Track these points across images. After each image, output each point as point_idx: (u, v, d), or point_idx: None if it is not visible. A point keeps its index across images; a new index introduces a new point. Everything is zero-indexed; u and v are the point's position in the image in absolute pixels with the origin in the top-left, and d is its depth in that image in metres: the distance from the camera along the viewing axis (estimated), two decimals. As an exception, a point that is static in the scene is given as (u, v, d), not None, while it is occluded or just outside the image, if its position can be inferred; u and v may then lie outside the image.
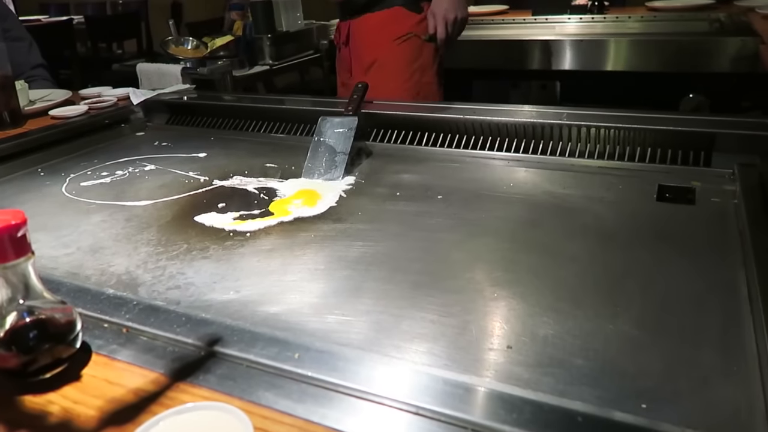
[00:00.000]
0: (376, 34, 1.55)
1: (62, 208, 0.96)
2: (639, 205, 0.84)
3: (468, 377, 0.47)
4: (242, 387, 0.47)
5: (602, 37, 2.11)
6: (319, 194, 0.93)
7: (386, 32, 1.53)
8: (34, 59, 1.87)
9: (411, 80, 1.53)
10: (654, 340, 0.56)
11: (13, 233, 0.45)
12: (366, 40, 1.58)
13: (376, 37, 1.55)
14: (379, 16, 1.54)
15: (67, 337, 0.51)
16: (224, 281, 0.70)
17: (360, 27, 1.58)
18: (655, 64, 1.99)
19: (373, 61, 1.56)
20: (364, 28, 1.57)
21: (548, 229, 0.80)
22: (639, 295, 0.63)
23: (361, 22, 1.58)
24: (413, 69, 1.53)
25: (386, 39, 1.53)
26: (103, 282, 0.72)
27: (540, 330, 0.58)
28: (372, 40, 1.56)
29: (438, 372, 0.47)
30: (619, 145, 0.99)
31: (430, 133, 1.14)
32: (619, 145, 0.99)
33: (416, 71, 1.54)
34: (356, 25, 1.59)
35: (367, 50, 1.58)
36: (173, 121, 1.43)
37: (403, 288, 0.67)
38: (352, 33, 1.61)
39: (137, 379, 0.50)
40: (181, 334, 0.54)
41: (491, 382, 0.46)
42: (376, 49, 1.56)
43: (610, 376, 0.52)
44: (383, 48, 1.54)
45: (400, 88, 1.51)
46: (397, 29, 1.52)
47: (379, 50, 1.55)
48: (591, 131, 1.01)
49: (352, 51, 1.63)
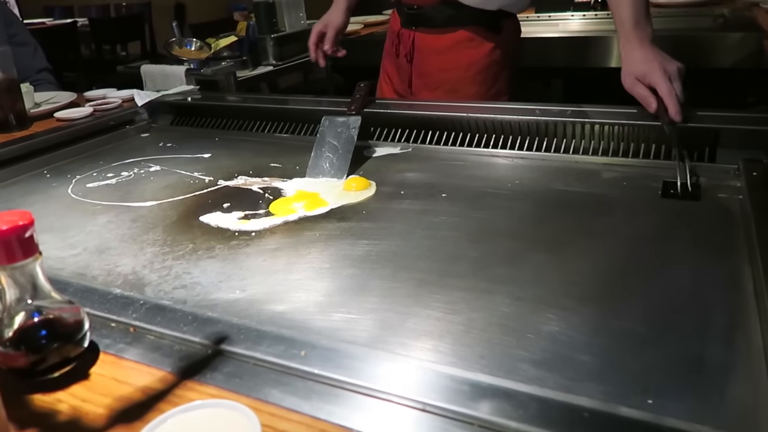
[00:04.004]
0: (448, 56, 1.36)
1: (68, 210, 0.97)
2: (644, 201, 0.84)
3: (473, 374, 0.47)
4: (249, 385, 0.48)
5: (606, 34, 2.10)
6: (322, 194, 0.94)
7: (460, 56, 1.35)
8: (39, 63, 1.88)
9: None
10: (660, 336, 0.56)
11: (21, 234, 0.45)
12: (436, 61, 1.38)
13: (448, 60, 1.36)
14: (453, 37, 1.34)
15: (75, 336, 0.51)
16: (230, 280, 0.71)
17: (429, 44, 1.38)
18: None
19: (442, 83, 1.39)
20: (435, 47, 1.37)
21: (553, 226, 0.80)
22: (645, 292, 0.63)
23: (430, 39, 1.38)
24: (490, 96, 1.36)
25: (460, 64, 1.35)
26: (110, 282, 0.72)
27: (545, 326, 0.58)
28: (443, 62, 1.37)
29: (444, 369, 0.48)
30: (623, 142, 0.99)
31: (433, 132, 1.14)
32: (624, 142, 0.99)
33: (491, 98, 1.36)
34: (424, 40, 1.39)
35: (435, 72, 1.39)
36: (178, 122, 1.43)
37: (409, 286, 0.67)
38: (418, 48, 1.40)
39: (145, 377, 0.50)
40: (188, 333, 0.54)
41: (497, 378, 0.46)
42: (447, 72, 1.38)
43: (616, 372, 0.51)
44: (456, 72, 1.37)
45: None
46: (472, 54, 1.34)
47: (450, 74, 1.37)
48: (595, 128, 1.01)
49: (416, 67, 1.42)
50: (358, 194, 0.92)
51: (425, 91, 1.42)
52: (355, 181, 0.95)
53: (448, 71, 1.38)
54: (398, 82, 1.49)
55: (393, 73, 1.51)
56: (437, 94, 1.39)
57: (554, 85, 2.20)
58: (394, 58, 1.48)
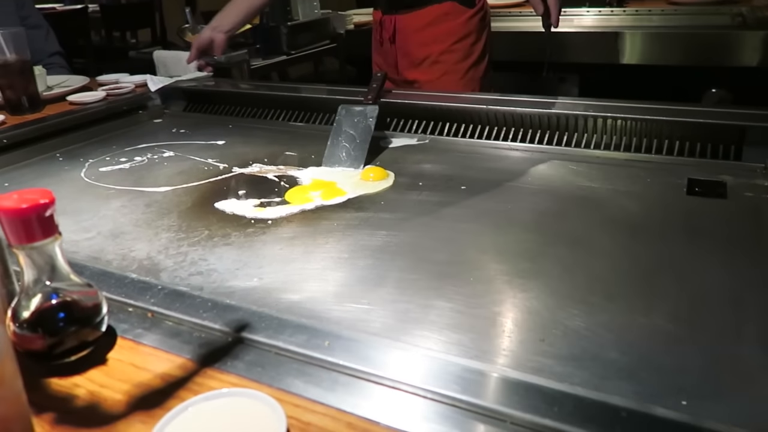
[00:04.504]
0: (428, 31, 1.47)
1: (82, 193, 0.96)
2: (668, 198, 0.82)
3: (502, 369, 0.46)
4: (271, 374, 0.46)
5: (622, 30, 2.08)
6: (339, 183, 0.92)
7: (439, 29, 1.46)
8: (52, 47, 1.86)
9: (465, 77, 1.47)
10: (690, 334, 0.54)
11: (41, 213, 0.44)
12: (417, 37, 1.48)
13: (429, 34, 1.47)
14: (431, 13, 1.45)
15: (93, 320, 0.50)
16: (247, 268, 0.69)
17: (409, 24, 1.48)
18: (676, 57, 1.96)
19: (425, 57, 1.48)
20: (414, 25, 1.48)
21: (576, 221, 0.78)
22: (672, 289, 0.62)
23: (410, 18, 1.48)
24: (469, 65, 1.48)
25: (439, 35, 1.46)
26: (125, 267, 0.71)
27: (572, 323, 0.57)
28: (424, 37, 1.48)
29: (473, 364, 0.46)
30: (646, 138, 0.97)
31: (451, 124, 1.12)
32: (646, 138, 0.97)
33: (470, 68, 1.48)
34: (404, 21, 1.49)
35: (417, 47, 1.49)
36: (191, 108, 1.42)
37: (429, 278, 0.66)
38: (399, 29, 1.51)
39: (163, 363, 0.49)
40: (207, 320, 0.52)
41: (525, 374, 0.45)
42: (427, 46, 1.48)
43: (646, 370, 0.50)
44: (436, 45, 1.47)
45: (455, 84, 1.46)
46: (449, 25, 1.45)
47: (431, 47, 1.47)
48: (617, 123, 0.99)
49: (399, 48, 1.52)
50: (375, 184, 0.91)
51: (410, 68, 1.51)
52: (373, 171, 0.94)
53: (429, 45, 1.49)
54: (386, 67, 1.58)
55: (381, 62, 1.61)
56: (422, 69, 1.49)
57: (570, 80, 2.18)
58: (379, 46, 1.60)
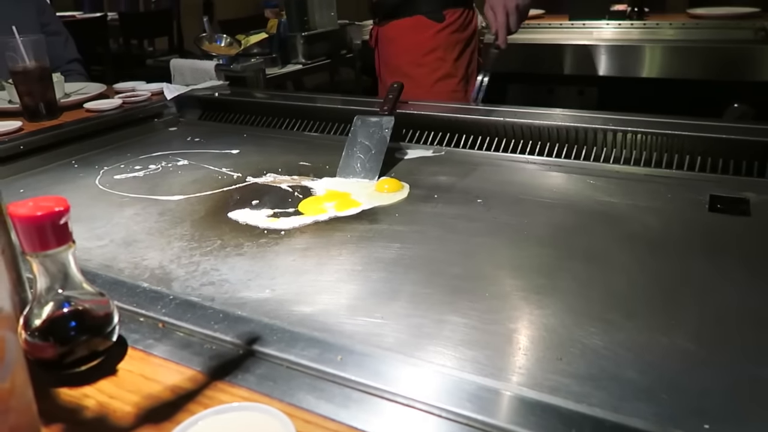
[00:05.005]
0: (398, 43, 1.56)
1: (95, 200, 0.96)
2: (690, 215, 0.81)
3: (518, 388, 0.45)
4: (282, 389, 0.46)
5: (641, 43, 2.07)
6: (354, 194, 0.92)
7: (407, 41, 1.54)
8: (70, 53, 1.89)
9: (431, 91, 1.51)
10: (713, 355, 0.53)
11: (56, 220, 0.44)
12: (390, 47, 1.58)
13: (399, 46, 1.56)
14: (401, 25, 1.54)
15: (104, 329, 0.49)
16: (259, 279, 0.69)
17: (386, 34, 1.59)
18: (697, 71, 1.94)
19: (396, 68, 1.57)
20: (389, 35, 1.58)
21: (594, 236, 0.77)
22: (694, 308, 0.61)
23: (386, 29, 1.58)
24: (435, 78, 1.52)
25: (408, 48, 1.54)
26: (137, 276, 0.71)
27: (589, 341, 0.55)
28: (395, 48, 1.57)
29: (487, 382, 0.45)
30: (666, 153, 0.96)
31: (467, 135, 1.12)
32: (667, 153, 0.96)
33: (439, 81, 1.53)
34: (383, 32, 1.60)
35: (392, 57, 1.59)
36: (206, 117, 1.43)
37: (444, 292, 0.65)
38: (380, 38, 1.63)
39: (174, 375, 0.48)
40: (218, 331, 0.52)
41: (542, 394, 0.44)
42: (398, 56, 1.57)
43: (667, 392, 0.49)
44: (404, 56, 1.55)
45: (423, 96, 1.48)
46: (417, 38, 1.52)
47: (400, 58, 1.56)
48: (637, 137, 0.98)
49: (380, 55, 1.65)
50: (390, 196, 0.90)
51: (387, 76, 1.60)
52: (388, 182, 0.94)
53: (398, 56, 1.56)
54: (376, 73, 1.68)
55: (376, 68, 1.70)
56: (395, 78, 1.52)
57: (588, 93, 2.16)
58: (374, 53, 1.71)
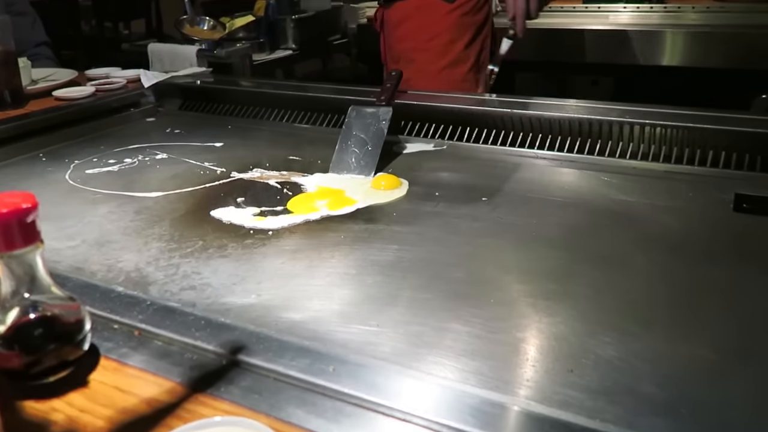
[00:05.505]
0: (403, 26, 1.57)
1: (66, 197, 0.96)
2: (713, 215, 0.81)
3: (526, 403, 0.46)
4: (270, 402, 0.46)
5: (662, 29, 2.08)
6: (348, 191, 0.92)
7: (413, 24, 1.54)
8: (38, 36, 1.89)
9: (439, 76, 1.53)
10: (737, 366, 0.54)
11: (23, 218, 0.44)
12: (396, 31, 1.59)
13: (404, 29, 1.57)
14: (408, 6, 1.55)
15: (74, 337, 0.50)
16: (244, 283, 0.69)
17: (391, 17, 1.60)
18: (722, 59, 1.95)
19: (401, 53, 1.58)
20: (394, 17, 1.59)
21: (608, 238, 0.78)
22: (716, 316, 0.61)
23: (392, 11, 1.59)
24: (443, 65, 1.53)
25: (413, 31, 1.55)
26: (111, 279, 0.71)
27: (603, 351, 0.56)
28: (401, 31, 1.58)
29: (492, 395, 0.46)
30: (688, 148, 0.97)
31: (471, 128, 1.12)
32: (689, 148, 0.97)
33: (447, 68, 1.53)
34: (388, 14, 1.61)
35: (396, 43, 1.60)
36: (187, 106, 1.43)
37: (445, 298, 0.65)
38: (385, 21, 1.64)
39: (151, 387, 0.49)
40: (200, 340, 0.52)
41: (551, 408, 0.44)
42: (403, 41, 1.58)
43: (686, 406, 0.49)
44: (410, 41, 1.56)
45: (428, 85, 1.50)
46: (424, 21, 1.53)
47: (405, 43, 1.57)
48: (656, 131, 0.99)
49: (385, 40, 1.66)
50: (387, 194, 0.91)
51: (392, 63, 1.61)
52: (385, 179, 0.94)
53: (403, 41, 1.57)
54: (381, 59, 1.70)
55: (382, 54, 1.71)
56: (400, 66, 1.53)
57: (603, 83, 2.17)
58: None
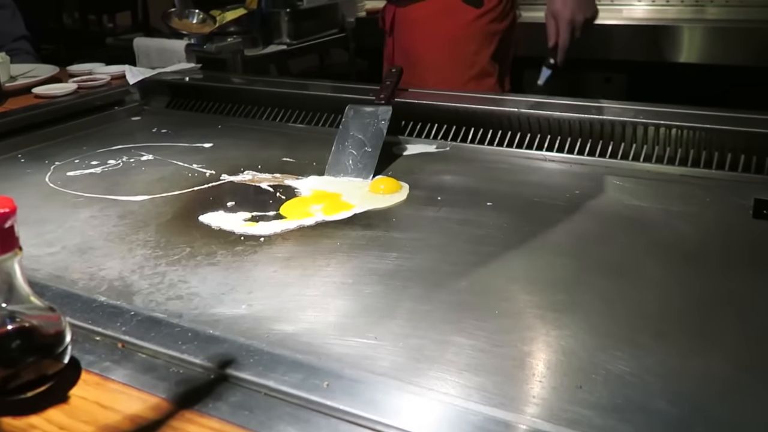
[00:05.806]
0: (424, 28, 1.50)
1: (45, 201, 0.97)
2: (731, 221, 0.82)
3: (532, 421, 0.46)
4: (260, 419, 0.46)
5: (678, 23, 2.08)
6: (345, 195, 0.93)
7: (435, 27, 1.48)
8: (17, 30, 1.90)
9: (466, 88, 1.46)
10: (755, 381, 0.54)
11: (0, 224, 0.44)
12: (413, 33, 1.52)
13: (424, 32, 1.50)
14: (430, 6, 1.48)
15: (54, 349, 0.50)
16: (234, 293, 0.70)
17: (407, 16, 1.54)
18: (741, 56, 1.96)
19: (420, 59, 1.50)
20: (411, 20, 1.52)
21: (620, 246, 0.78)
22: (733, 328, 0.61)
23: (408, 11, 1.53)
24: (470, 76, 1.48)
25: (436, 36, 1.48)
26: (93, 288, 0.71)
27: (614, 366, 0.56)
28: (420, 34, 1.51)
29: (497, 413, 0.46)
30: (705, 150, 0.97)
31: (476, 129, 1.13)
32: (706, 150, 0.97)
33: (473, 79, 1.48)
34: (403, 13, 1.54)
35: (412, 45, 1.53)
36: (175, 104, 1.44)
37: (447, 309, 0.66)
38: (398, 21, 1.57)
39: (134, 403, 0.49)
40: (187, 353, 0.53)
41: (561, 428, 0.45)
42: (422, 45, 1.50)
43: (702, 424, 0.49)
44: (432, 47, 1.49)
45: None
46: (449, 25, 1.47)
47: (427, 48, 1.50)
48: (671, 132, 0.99)
49: (396, 42, 1.59)
50: (386, 198, 0.91)
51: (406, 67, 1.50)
52: (384, 182, 0.94)
53: (423, 45, 1.50)
54: (386, 62, 1.62)
55: (385, 57, 1.66)
56: (417, 71, 1.47)
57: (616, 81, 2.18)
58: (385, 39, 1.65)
